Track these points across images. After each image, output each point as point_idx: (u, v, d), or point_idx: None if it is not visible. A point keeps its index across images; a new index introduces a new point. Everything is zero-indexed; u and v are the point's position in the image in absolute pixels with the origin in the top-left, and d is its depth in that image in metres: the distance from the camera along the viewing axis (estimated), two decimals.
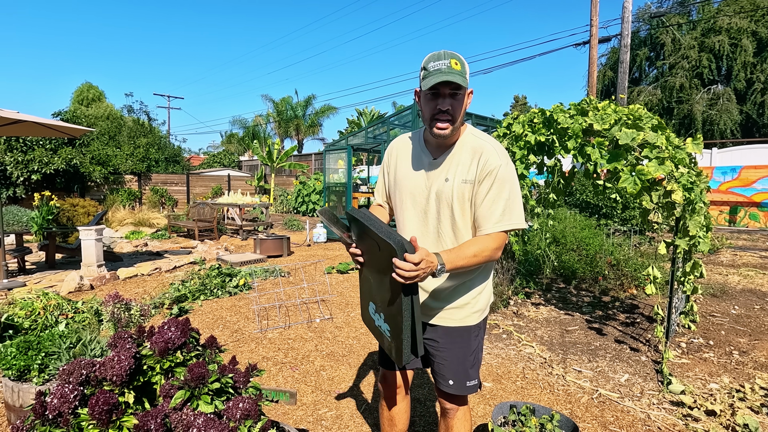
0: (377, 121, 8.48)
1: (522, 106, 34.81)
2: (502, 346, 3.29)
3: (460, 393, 1.49)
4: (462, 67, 1.31)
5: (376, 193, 1.73)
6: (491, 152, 1.37)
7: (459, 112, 1.34)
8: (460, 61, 1.31)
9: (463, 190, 1.39)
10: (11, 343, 2.07)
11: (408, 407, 1.73)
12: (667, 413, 2.33)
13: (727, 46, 16.84)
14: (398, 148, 1.58)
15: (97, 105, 21.30)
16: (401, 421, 1.72)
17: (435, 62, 1.30)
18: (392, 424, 1.72)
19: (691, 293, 3.31)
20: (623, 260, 4.97)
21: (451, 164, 1.42)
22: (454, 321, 1.46)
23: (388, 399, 1.71)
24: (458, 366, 1.47)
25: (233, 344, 3.28)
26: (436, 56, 1.31)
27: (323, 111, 27.60)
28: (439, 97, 1.32)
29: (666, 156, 2.83)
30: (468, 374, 1.49)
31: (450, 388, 1.48)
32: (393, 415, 1.70)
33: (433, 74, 1.29)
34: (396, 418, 1.71)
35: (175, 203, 15.70)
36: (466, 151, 1.41)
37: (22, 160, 10.50)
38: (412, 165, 1.50)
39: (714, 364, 2.97)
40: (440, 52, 1.32)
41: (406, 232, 1.48)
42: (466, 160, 1.40)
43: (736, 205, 11.22)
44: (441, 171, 1.43)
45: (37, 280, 5.29)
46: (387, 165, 1.62)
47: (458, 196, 1.39)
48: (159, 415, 1.12)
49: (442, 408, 1.57)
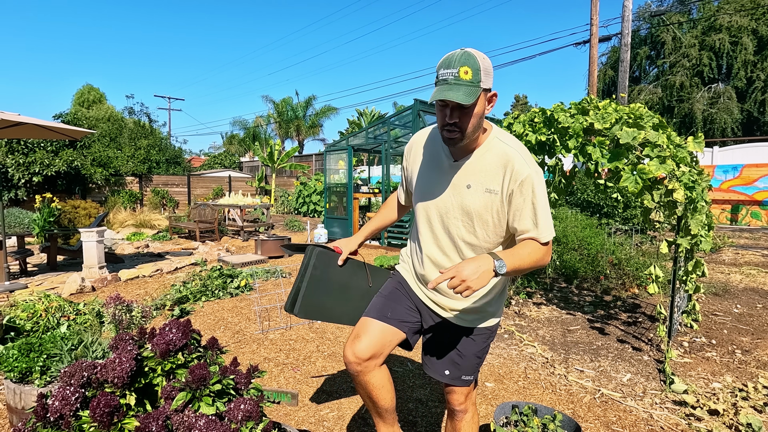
0: (378, 122, 8.48)
1: (522, 105, 34.79)
2: (503, 346, 3.28)
3: (455, 384, 1.50)
4: (474, 75, 1.19)
5: (399, 190, 1.76)
6: (519, 161, 1.29)
7: (468, 124, 1.25)
8: (473, 68, 1.19)
9: (486, 200, 1.32)
10: (13, 345, 2.07)
11: (387, 381, 1.52)
12: (669, 413, 2.32)
13: (727, 45, 16.82)
14: (418, 144, 1.53)
15: (98, 107, 21.32)
16: (381, 397, 1.52)
17: (444, 70, 1.21)
18: (373, 401, 1.54)
19: (693, 292, 3.31)
20: (625, 259, 4.96)
21: (473, 170, 1.35)
22: (467, 322, 1.47)
23: (358, 373, 1.49)
24: (460, 362, 1.48)
25: (235, 345, 3.28)
26: (447, 62, 1.21)
27: (324, 112, 27.61)
28: (446, 108, 1.24)
29: (667, 155, 2.83)
30: (467, 371, 1.50)
31: (444, 378, 1.50)
32: (370, 390, 1.51)
33: (439, 84, 1.22)
34: (374, 394, 1.51)
35: (176, 204, 15.71)
36: (491, 158, 1.33)
37: (24, 162, 10.51)
38: (431, 165, 1.45)
39: (717, 363, 2.96)
40: (454, 55, 1.21)
41: (421, 235, 1.48)
42: (491, 168, 1.32)
43: (738, 204, 11.20)
44: (462, 176, 1.36)
45: (39, 282, 5.30)
46: (406, 160, 1.59)
47: (480, 205, 1.33)
48: (160, 417, 1.12)
49: (450, 409, 1.57)
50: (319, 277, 1.64)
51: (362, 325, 1.53)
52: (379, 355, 1.48)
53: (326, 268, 1.66)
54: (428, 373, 1.55)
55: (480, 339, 1.49)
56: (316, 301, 1.64)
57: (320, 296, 1.65)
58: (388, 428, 1.64)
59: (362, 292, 1.72)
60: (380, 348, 1.48)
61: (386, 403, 1.54)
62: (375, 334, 1.49)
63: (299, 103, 27.48)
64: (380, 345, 1.48)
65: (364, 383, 1.49)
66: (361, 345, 1.46)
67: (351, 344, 1.48)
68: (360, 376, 1.48)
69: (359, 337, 1.49)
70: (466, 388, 1.52)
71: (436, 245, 1.45)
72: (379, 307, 1.56)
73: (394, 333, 1.51)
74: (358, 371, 1.47)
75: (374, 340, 1.48)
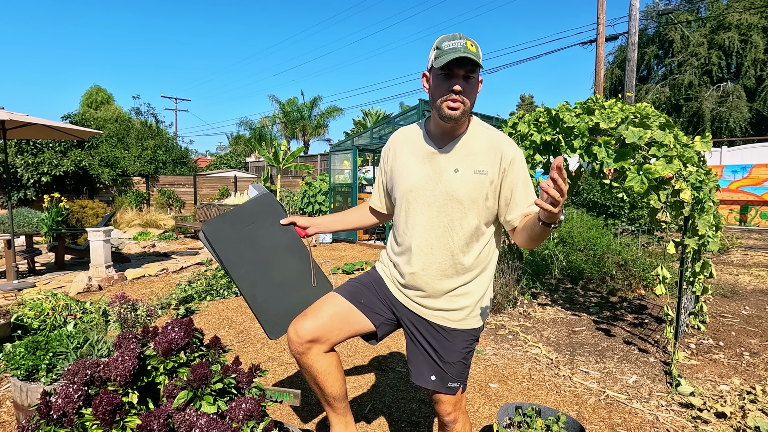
0: (383, 122, 8.49)
1: (528, 105, 34.63)
2: (508, 346, 3.27)
3: (441, 391, 1.41)
4: (477, 50, 1.25)
5: (372, 195, 1.68)
6: (506, 142, 1.37)
7: (472, 96, 1.29)
8: (476, 45, 1.26)
9: (475, 181, 1.33)
10: (20, 343, 2.09)
11: (335, 368, 1.45)
12: (676, 415, 2.29)
13: (737, 43, 16.63)
14: (397, 141, 1.51)
15: (105, 108, 21.54)
16: (328, 383, 1.44)
17: (450, 41, 1.23)
18: (319, 386, 1.46)
19: (701, 293, 3.27)
20: (631, 260, 4.91)
21: (460, 154, 1.35)
22: (452, 322, 1.40)
23: (298, 355, 1.42)
24: (445, 367, 1.40)
25: (239, 344, 3.29)
26: (451, 36, 1.25)
27: (329, 112, 27.66)
28: (452, 78, 1.24)
29: (674, 154, 2.80)
30: (451, 376, 1.41)
31: (430, 384, 1.41)
32: (315, 375, 1.43)
33: (448, 52, 1.22)
34: (319, 379, 1.43)
35: (183, 204, 15.82)
36: (478, 141, 1.36)
37: (33, 162, 10.64)
38: (415, 156, 1.42)
39: (724, 365, 2.92)
40: (455, 33, 1.25)
41: (411, 226, 1.40)
42: (480, 150, 1.35)
43: (747, 204, 11.07)
44: (448, 161, 1.36)
45: (47, 281, 5.36)
46: (385, 161, 1.55)
47: (470, 188, 1.33)
48: (162, 416, 1.12)
49: (439, 422, 1.50)
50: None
51: (318, 304, 1.46)
52: (324, 340, 1.40)
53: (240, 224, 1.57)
54: (414, 381, 1.44)
55: (464, 342, 1.42)
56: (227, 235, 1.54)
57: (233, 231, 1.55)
58: (339, 419, 1.53)
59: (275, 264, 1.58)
60: (326, 332, 1.40)
61: (334, 391, 1.46)
62: (324, 317, 1.41)
63: (305, 103, 27.56)
64: (327, 329, 1.40)
65: (307, 367, 1.42)
66: (306, 324, 1.39)
67: (296, 321, 1.42)
68: (301, 358, 1.40)
69: (306, 316, 1.42)
70: (453, 396, 1.43)
71: (426, 237, 1.38)
72: (353, 291, 1.48)
73: (359, 321, 1.44)
74: (299, 352, 1.40)
75: (321, 322, 1.40)
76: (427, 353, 1.42)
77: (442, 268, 1.38)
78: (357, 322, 1.46)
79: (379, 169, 1.61)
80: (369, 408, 2.36)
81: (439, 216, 1.36)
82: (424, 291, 1.41)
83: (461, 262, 1.38)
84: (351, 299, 1.46)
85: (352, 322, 1.45)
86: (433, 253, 1.38)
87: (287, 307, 1.53)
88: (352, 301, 1.46)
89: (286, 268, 1.55)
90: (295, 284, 1.56)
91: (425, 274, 1.39)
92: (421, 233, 1.38)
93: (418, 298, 1.43)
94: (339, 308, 1.45)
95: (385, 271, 1.54)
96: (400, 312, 1.48)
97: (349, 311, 1.45)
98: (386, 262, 1.55)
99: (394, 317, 1.50)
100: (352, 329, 1.45)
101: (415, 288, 1.42)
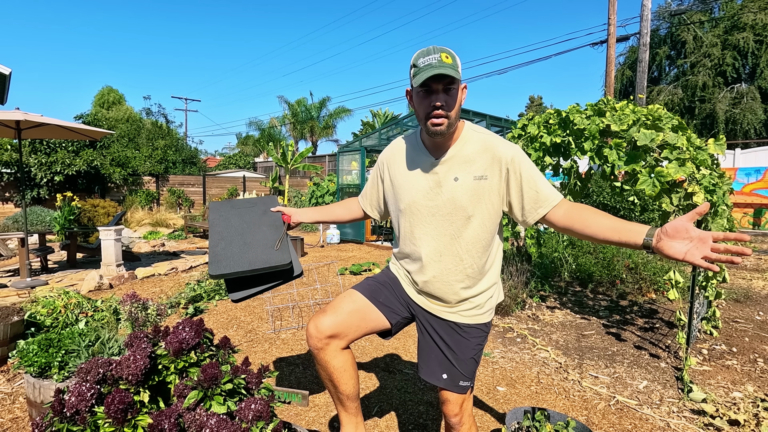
0: (390, 123, 8.50)
1: (537, 106, 34.40)
2: (516, 350, 3.25)
3: (451, 390, 1.43)
4: (453, 60, 1.24)
5: (362, 197, 1.67)
6: (500, 144, 1.36)
7: (454, 107, 1.28)
8: (451, 55, 1.25)
9: (477, 188, 1.34)
10: (33, 341, 2.13)
11: (350, 366, 1.48)
12: (687, 422, 2.26)
13: (752, 43, 16.36)
14: (392, 153, 1.52)
15: (117, 108, 21.83)
16: (343, 381, 1.48)
17: (425, 58, 1.24)
18: (334, 384, 1.49)
19: (714, 298, 3.22)
20: (642, 264, 4.85)
21: (458, 162, 1.36)
22: (466, 318, 1.44)
23: (317, 350, 1.45)
24: (457, 364, 1.43)
25: (247, 344, 3.31)
26: (425, 52, 1.25)
27: (337, 113, 27.73)
28: (432, 94, 1.26)
29: (687, 157, 2.76)
30: (462, 374, 1.43)
31: (441, 382, 1.43)
32: (330, 372, 1.46)
33: (423, 70, 1.22)
34: (335, 376, 1.46)
35: (192, 204, 15.96)
36: (471, 147, 1.36)
37: (46, 161, 10.81)
38: (412, 169, 1.43)
39: (737, 371, 2.87)
40: (429, 47, 1.26)
41: (419, 237, 1.42)
42: (475, 156, 1.35)
43: (761, 208, 10.87)
44: (447, 170, 1.37)
45: (59, 279, 5.43)
46: (381, 171, 1.56)
47: (472, 194, 1.34)
48: (173, 415, 1.13)
49: (446, 423, 1.52)
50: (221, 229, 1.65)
51: (337, 301, 1.50)
52: (342, 336, 1.43)
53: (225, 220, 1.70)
54: (423, 377, 1.47)
55: (477, 338, 1.45)
56: (223, 254, 1.56)
57: (226, 249, 1.58)
58: (350, 419, 1.56)
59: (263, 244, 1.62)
60: (345, 329, 1.43)
61: (348, 389, 1.49)
62: (344, 313, 1.44)
63: (313, 104, 27.67)
64: (346, 325, 1.43)
65: (323, 363, 1.45)
66: (326, 320, 1.43)
67: (316, 317, 1.45)
68: (319, 353, 1.44)
69: (326, 312, 1.45)
70: (462, 396, 1.45)
71: (435, 246, 1.40)
72: (372, 289, 1.51)
73: (376, 319, 1.48)
74: (318, 347, 1.43)
75: (340, 319, 1.43)
76: (440, 350, 1.46)
77: (453, 274, 1.41)
78: (374, 319, 1.49)
79: (373, 175, 1.61)
80: (376, 409, 2.36)
81: (445, 225, 1.38)
82: (438, 296, 1.45)
83: (471, 265, 1.41)
84: (370, 297, 1.50)
85: (370, 320, 1.49)
86: (443, 260, 1.41)
87: (237, 257, 1.55)
88: (370, 299, 1.50)
89: (258, 236, 1.65)
90: (257, 245, 1.60)
91: (437, 281, 1.43)
92: (430, 243, 1.41)
93: (433, 299, 1.48)
94: (358, 305, 1.49)
95: (399, 273, 1.57)
96: (416, 311, 1.53)
97: (368, 309, 1.49)
98: (399, 265, 1.58)
99: (410, 315, 1.55)
100: (369, 326, 1.49)
101: (429, 294, 1.47)
